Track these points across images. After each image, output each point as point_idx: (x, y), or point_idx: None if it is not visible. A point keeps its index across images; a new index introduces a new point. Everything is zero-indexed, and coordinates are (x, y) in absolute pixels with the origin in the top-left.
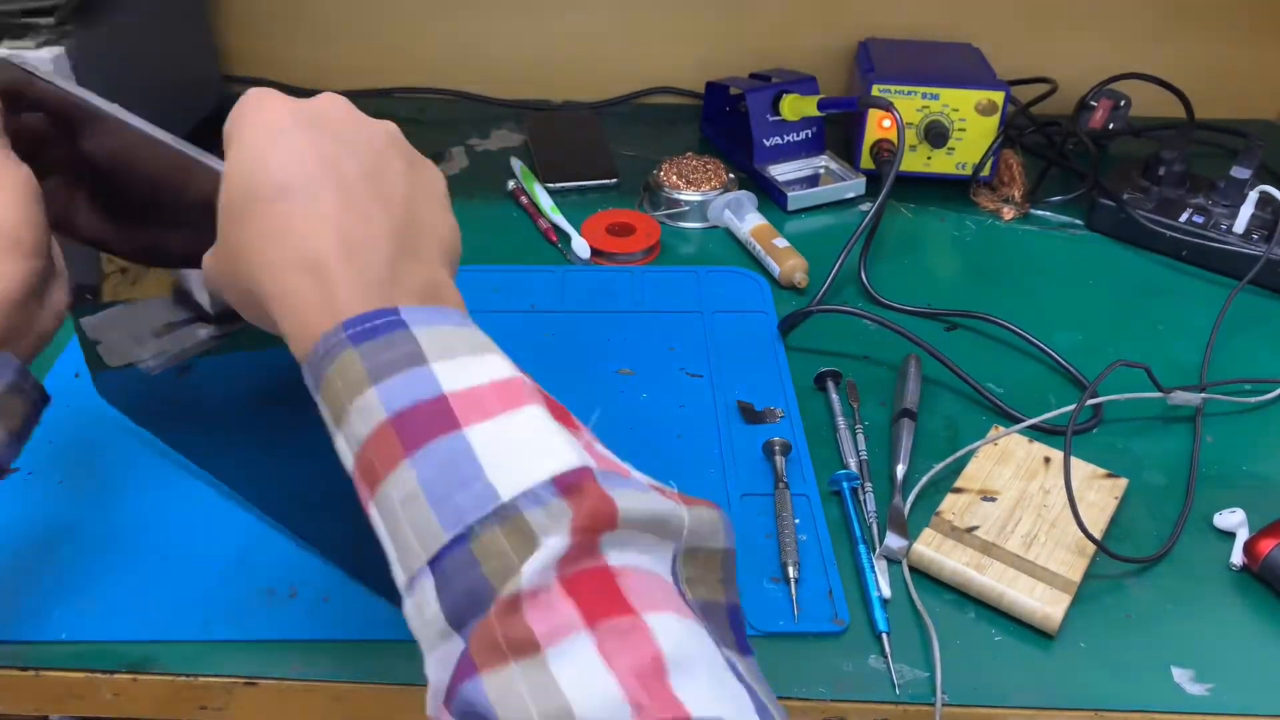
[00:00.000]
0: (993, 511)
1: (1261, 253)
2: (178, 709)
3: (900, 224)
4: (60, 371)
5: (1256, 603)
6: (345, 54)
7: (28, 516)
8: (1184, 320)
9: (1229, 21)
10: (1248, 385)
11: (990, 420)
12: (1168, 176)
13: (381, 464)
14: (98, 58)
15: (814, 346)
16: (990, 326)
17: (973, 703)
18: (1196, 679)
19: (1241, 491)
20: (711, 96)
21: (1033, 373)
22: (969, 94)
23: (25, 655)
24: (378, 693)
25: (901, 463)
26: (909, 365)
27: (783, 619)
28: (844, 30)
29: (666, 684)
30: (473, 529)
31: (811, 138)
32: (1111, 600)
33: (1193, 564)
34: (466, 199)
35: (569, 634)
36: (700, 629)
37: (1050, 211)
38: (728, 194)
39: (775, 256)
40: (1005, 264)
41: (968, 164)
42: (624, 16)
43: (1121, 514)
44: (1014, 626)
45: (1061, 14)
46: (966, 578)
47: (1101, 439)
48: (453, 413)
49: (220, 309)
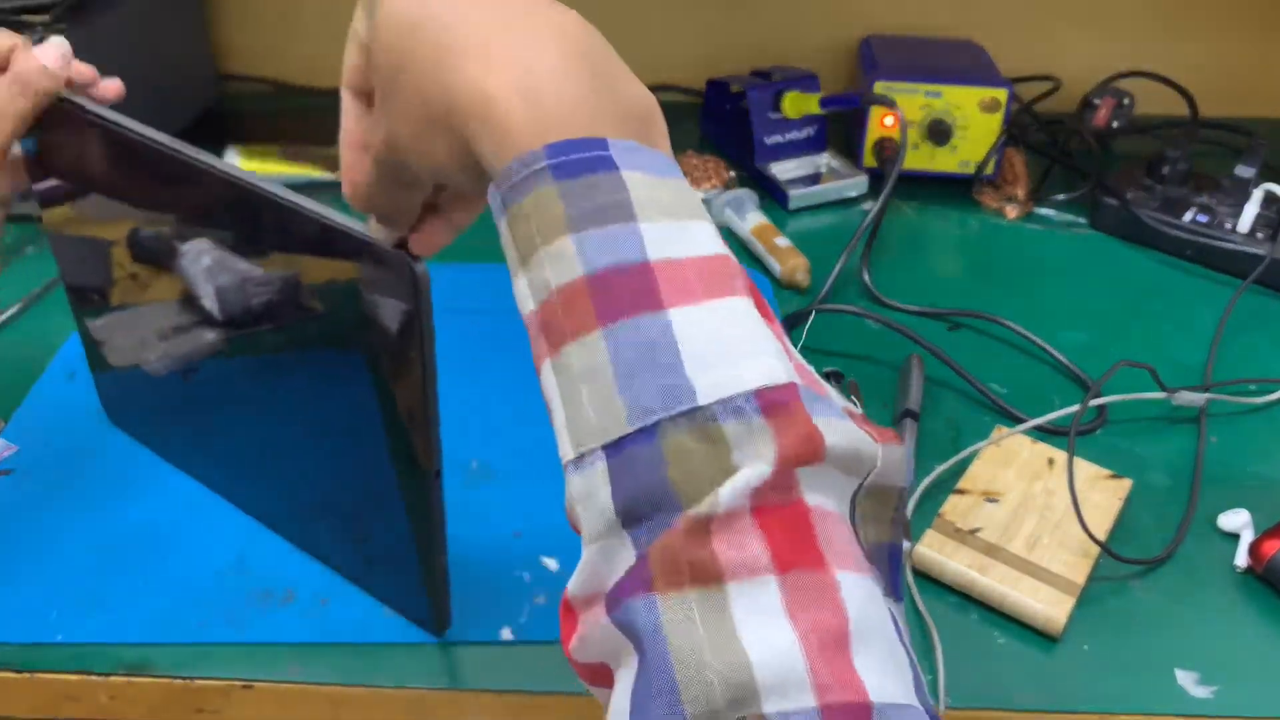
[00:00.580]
0: (996, 513)
1: (1266, 252)
2: (174, 712)
3: (903, 223)
4: (54, 373)
5: (1261, 604)
6: (342, 51)
7: (23, 517)
8: (1188, 320)
9: (1233, 19)
10: (1252, 385)
11: (993, 421)
12: (1172, 175)
13: (571, 325)
14: (93, 55)
15: (816, 346)
16: (993, 326)
17: (976, 705)
18: (1201, 681)
19: (1246, 492)
20: (712, 94)
21: (1036, 373)
22: (972, 91)
23: (20, 657)
24: (375, 696)
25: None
26: (911, 365)
27: None
28: (846, 27)
29: (849, 657)
30: (662, 425)
31: (813, 136)
32: (1116, 602)
33: (1197, 565)
34: None
35: (756, 575)
36: (876, 589)
37: (1054, 210)
38: (728, 192)
39: (777, 255)
40: (1008, 263)
41: (971, 162)
42: (624, 14)
43: (1125, 515)
44: (1017, 629)
45: (1065, 11)
46: (969, 580)
47: (1105, 440)
48: (657, 288)
49: (227, 314)
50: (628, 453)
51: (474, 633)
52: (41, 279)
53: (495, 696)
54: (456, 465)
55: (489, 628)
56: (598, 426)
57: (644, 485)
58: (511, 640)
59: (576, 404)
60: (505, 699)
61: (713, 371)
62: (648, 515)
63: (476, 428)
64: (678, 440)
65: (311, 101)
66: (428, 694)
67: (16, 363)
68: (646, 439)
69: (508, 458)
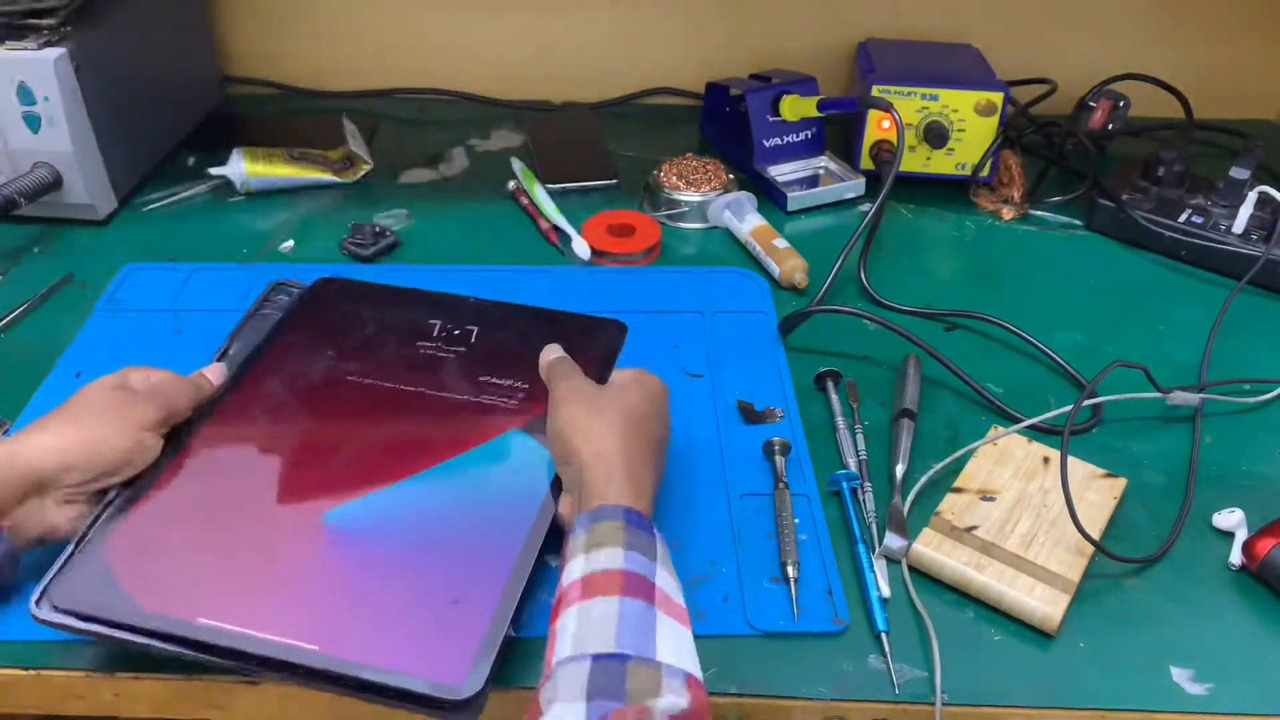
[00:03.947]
0: (992, 511)
1: (1260, 253)
2: (179, 709)
3: (900, 224)
4: (61, 373)
5: (1255, 602)
6: (345, 54)
7: None
8: (1183, 320)
9: (1228, 22)
10: (1246, 385)
11: (989, 420)
12: (1167, 177)
13: (603, 589)
14: (99, 58)
15: (814, 347)
16: (989, 327)
17: (972, 702)
18: (1196, 679)
19: (1240, 491)
20: (711, 97)
21: (1032, 373)
22: (968, 94)
23: (27, 655)
24: None
25: (901, 463)
26: (908, 365)
27: (782, 619)
28: (843, 31)
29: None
30: (632, 658)
31: (811, 138)
32: (1111, 600)
33: (1192, 564)
34: (467, 199)
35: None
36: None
37: (1049, 212)
38: (727, 195)
39: (775, 257)
40: (1005, 264)
41: (967, 164)
42: (624, 17)
43: (1121, 514)
44: (1013, 626)
45: (1061, 15)
46: (966, 577)
47: (1101, 439)
48: (654, 596)
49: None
50: (609, 662)
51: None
52: (47, 280)
53: (498, 693)
54: None
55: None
56: (597, 643)
57: (610, 682)
58: (513, 636)
59: (587, 628)
60: (508, 694)
61: (667, 651)
62: (605, 697)
63: None
64: (639, 671)
65: (316, 104)
66: None
67: (23, 363)
68: (622, 660)
69: None
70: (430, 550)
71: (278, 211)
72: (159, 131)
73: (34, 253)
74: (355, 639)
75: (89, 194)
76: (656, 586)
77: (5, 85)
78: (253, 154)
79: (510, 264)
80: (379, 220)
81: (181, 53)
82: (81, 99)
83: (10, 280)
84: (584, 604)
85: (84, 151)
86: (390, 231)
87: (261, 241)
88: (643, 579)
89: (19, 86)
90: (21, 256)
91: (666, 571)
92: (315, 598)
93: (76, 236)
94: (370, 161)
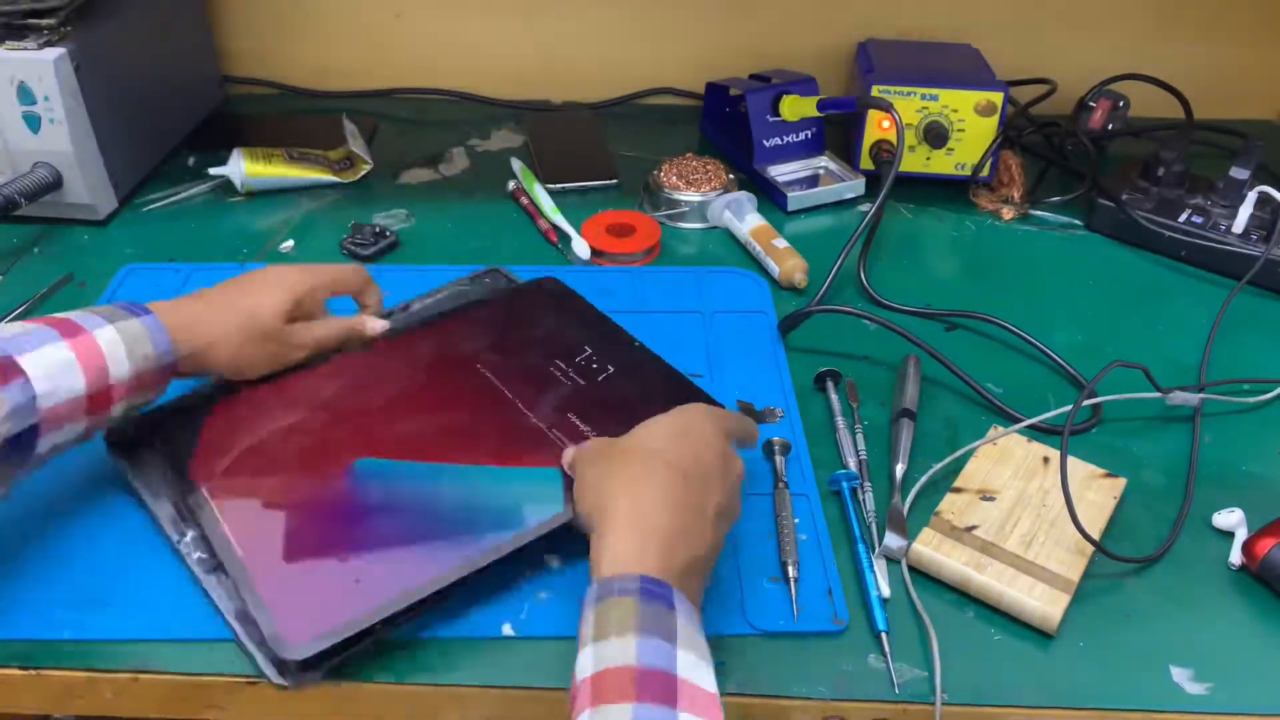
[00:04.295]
0: (992, 511)
1: (1260, 253)
2: (179, 708)
3: (899, 225)
4: None
5: (1255, 602)
6: (345, 54)
7: (30, 514)
8: (1183, 320)
9: (1227, 22)
10: (1246, 385)
11: (989, 420)
12: (1167, 177)
13: (614, 693)
14: (99, 58)
15: (814, 347)
16: (989, 327)
17: (972, 702)
18: (1196, 678)
19: (1240, 491)
20: (711, 97)
21: (1032, 373)
22: (968, 95)
23: (27, 654)
24: (379, 692)
25: (901, 462)
26: (908, 365)
27: (782, 618)
28: (843, 31)
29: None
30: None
31: (811, 138)
32: (1111, 600)
33: (1191, 563)
34: (466, 199)
35: None
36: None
37: (1049, 212)
38: (727, 195)
39: (775, 257)
40: (1004, 264)
41: (967, 164)
42: (624, 17)
43: (1120, 513)
44: (1013, 626)
45: (1060, 15)
46: (966, 577)
47: (1100, 439)
48: (675, 694)
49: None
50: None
51: (475, 629)
52: (47, 280)
53: (497, 692)
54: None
55: (490, 624)
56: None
57: None
58: (512, 636)
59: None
60: (507, 694)
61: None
62: None
63: None
64: None
65: (316, 104)
66: (429, 690)
67: None
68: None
69: None
70: (396, 529)
71: (278, 211)
72: (159, 131)
73: (34, 253)
74: (279, 565)
75: (89, 194)
76: (679, 679)
77: (5, 85)
78: (253, 154)
79: (510, 264)
80: (379, 220)
81: (181, 53)
82: (81, 99)
83: (10, 280)
84: (593, 711)
85: (84, 151)
86: (390, 231)
87: (261, 241)
88: (660, 674)
89: (19, 86)
90: (21, 256)
91: (690, 650)
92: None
93: (76, 236)
94: (370, 161)
